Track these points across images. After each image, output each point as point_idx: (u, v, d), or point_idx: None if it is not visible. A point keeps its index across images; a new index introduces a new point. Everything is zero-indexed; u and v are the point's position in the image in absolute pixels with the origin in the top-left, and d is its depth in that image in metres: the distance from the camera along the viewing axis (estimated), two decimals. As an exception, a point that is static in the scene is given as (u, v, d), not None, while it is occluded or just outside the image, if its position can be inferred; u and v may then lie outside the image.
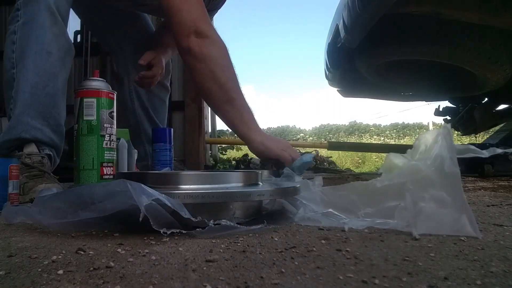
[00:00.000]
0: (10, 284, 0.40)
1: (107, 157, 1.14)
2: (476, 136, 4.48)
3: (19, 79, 1.12)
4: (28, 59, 1.12)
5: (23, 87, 1.12)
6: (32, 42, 1.12)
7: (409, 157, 0.76)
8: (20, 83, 1.12)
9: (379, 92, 3.07)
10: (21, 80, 1.12)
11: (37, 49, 1.13)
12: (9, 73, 1.14)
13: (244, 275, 0.43)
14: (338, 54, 2.42)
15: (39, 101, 1.14)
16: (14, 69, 1.13)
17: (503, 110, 2.89)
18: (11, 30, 1.15)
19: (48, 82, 1.15)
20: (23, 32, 1.13)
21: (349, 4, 1.82)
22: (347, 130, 24.69)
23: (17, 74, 1.13)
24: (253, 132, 1.16)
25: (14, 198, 0.95)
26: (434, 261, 0.49)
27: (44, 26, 1.13)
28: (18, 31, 1.14)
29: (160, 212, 0.59)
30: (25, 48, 1.13)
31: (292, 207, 0.82)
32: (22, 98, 1.12)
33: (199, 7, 1.15)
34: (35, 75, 1.13)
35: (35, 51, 1.12)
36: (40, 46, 1.13)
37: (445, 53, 1.98)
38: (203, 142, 3.58)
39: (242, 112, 1.16)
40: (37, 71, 1.13)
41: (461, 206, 0.63)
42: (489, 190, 1.45)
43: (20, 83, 1.12)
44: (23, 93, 1.12)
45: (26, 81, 1.12)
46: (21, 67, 1.12)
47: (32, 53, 1.12)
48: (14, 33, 1.14)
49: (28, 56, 1.12)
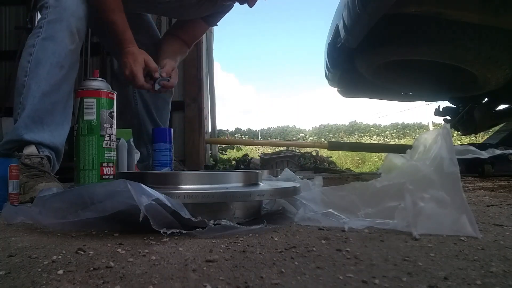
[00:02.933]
0: (10, 284, 0.40)
1: (107, 157, 1.14)
2: (476, 136, 4.48)
3: (30, 85, 1.17)
4: (43, 69, 1.18)
5: (34, 93, 1.17)
6: (49, 55, 1.19)
7: (408, 157, 0.76)
8: (32, 89, 1.17)
9: (379, 92, 3.07)
10: (32, 86, 1.17)
11: (53, 62, 1.20)
12: (21, 81, 1.19)
13: (244, 275, 0.43)
14: (338, 54, 2.42)
15: (46, 107, 1.19)
16: (26, 77, 1.18)
17: (503, 110, 2.89)
18: (30, 43, 1.21)
19: (57, 91, 1.21)
20: (42, 46, 1.20)
21: (349, 4, 1.82)
22: (347, 130, 24.67)
23: (29, 81, 1.18)
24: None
25: (14, 198, 0.95)
26: (434, 261, 0.49)
27: (63, 43, 1.21)
28: (37, 45, 1.20)
29: (160, 212, 0.59)
30: (41, 59, 1.19)
31: (292, 207, 0.82)
32: (32, 103, 1.16)
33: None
34: (47, 84, 1.19)
35: (51, 63, 1.19)
36: (56, 60, 1.20)
37: (445, 53, 1.98)
38: (203, 142, 3.58)
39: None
40: (50, 81, 1.19)
41: (461, 206, 0.63)
42: (489, 190, 1.45)
43: (32, 89, 1.17)
44: (33, 98, 1.17)
45: (38, 87, 1.18)
46: (33, 75, 1.18)
47: (47, 65, 1.19)
48: (33, 46, 1.20)
49: (44, 66, 1.18)
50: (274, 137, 25.89)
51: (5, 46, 3.54)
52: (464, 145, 0.85)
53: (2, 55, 3.47)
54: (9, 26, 3.56)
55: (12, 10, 3.60)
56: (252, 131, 27.11)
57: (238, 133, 16.53)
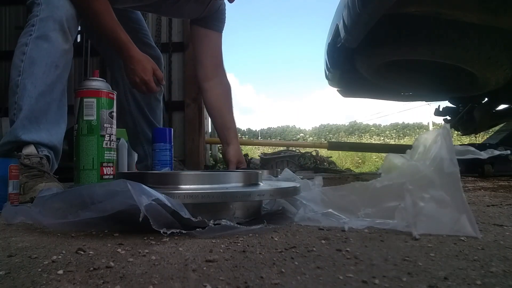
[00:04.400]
0: (10, 284, 0.40)
1: (107, 157, 1.14)
2: (476, 136, 4.48)
3: (26, 85, 1.16)
4: (38, 69, 1.18)
5: (30, 93, 1.16)
6: (43, 55, 1.18)
7: (408, 158, 0.76)
8: (27, 89, 1.16)
9: (379, 92, 3.07)
10: (28, 86, 1.16)
11: (48, 62, 1.19)
12: (14, 81, 1.18)
13: (244, 275, 0.43)
14: (338, 54, 2.42)
15: (43, 107, 1.18)
16: (20, 76, 1.17)
17: (503, 110, 2.89)
18: (23, 42, 1.20)
19: (52, 91, 1.20)
20: (36, 45, 1.18)
21: (349, 4, 1.82)
22: (347, 130, 24.68)
23: (23, 80, 1.17)
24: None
25: (14, 198, 0.95)
26: (434, 261, 0.49)
27: (57, 42, 1.20)
28: (30, 44, 1.19)
29: (160, 212, 0.59)
30: (36, 59, 1.18)
31: (292, 207, 0.82)
32: (29, 103, 1.16)
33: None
34: (43, 84, 1.18)
35: (46, 63, 1.19)
36: (51, 60, 1.19)
37: (445, 53, 1.98)
38: (203, 142, 3.58)
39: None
40: (45, 81, 1.18)
41: (461, 206, 0.63)
42: (489, 190, 1.45)
43: (27, 89, 1.16)
44: (30, 98, 1.16)
45: (34, 88, 1.17)
46: (28, 74, 1.17)
47: (42, 64, 1.18)
48: (26, 45, 1.19)
49: (39, 66, 1.18)
50: (274, 137, 25.91)
51: (5, 46, 3.55)
52: (464, 145, 0.85)
53: (2, 55, 3.47)
54: (9, 26, 3.56)
55: (12, 10, 3.60)
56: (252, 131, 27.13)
57: (238, 133, 16.50)
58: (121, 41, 1.27)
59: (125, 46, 1.28)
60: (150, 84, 1.32)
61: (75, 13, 1.24)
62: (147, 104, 1.70)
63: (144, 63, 1.31)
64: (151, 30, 3.39)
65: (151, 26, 3.46)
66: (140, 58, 1.30)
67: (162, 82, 1.38)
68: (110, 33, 1.26)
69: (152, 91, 1.36)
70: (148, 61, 1.33)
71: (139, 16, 1.69)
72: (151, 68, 1.32)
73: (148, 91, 1.35)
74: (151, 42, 1.70)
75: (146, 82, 1.32)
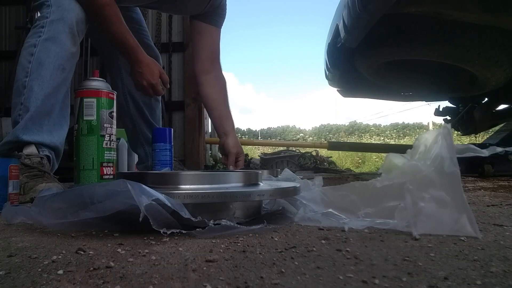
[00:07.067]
0: (10, 284, 0.40)
1: (107, 157, 1.14)
2: (476, 136, 4.48)
3: (33, 87, 1.17)
4: (46, 71, 1.18)
5: (37, 95, 1.17)
6: (52, 57, 1.19)
7: (408, 157, 0.76)
8: (34, 91, 1.17)
9: (379, 92, 3.07)
10: (35, 88, 1.17)
11: (55, 65, 1.20)
12: (21, 81, 1.18)
13: (244, 275, 0.43)
14: (338, 54, 2.42)
15: (47, 109, 1.18)
16: (27, 77, 1.17)
17: (503, 110, 2.89)
18: (31, 43, 1.20)
19: (57, 93, 1.21)
20: (44, 47, 1.19)
21: (349, 4, 1.82)
22: (347, 130, 24.69)
23: (31, 82, 1.17)
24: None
25: (14, 198, 0.95)
26: (434, 261, 0.49)
27: (66, 45, 1.21)
28: (39, 45, 1.19)
29: (160, 212, 0.59)
30: (44, 61, 1.18)
31: (292, 207, 0.82)
32: (35, 105, 1.16)
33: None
34: (49, 86, 1.19)
35: (53, 66, 1.19)
36: (58, 62, 1.20)
37: (445, 53, 1.98)
38: (203, 142, 3.58)
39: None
40: (52, 83, 1.19)
41: (461, 206, 0.63)
42: (489, 190, 1.45)
43: (34, 91, 1.17)
44: (36, 100, 1.16)
45: (41, 90, 1.17)
46: (36, 76, 1.17)
47: (50, 67, 1.19)
48: (34, 46, 1.19)
49: (47, 69, 1.18)
50: (274, 137, 25.91)
51: (5, 46, 3.55)
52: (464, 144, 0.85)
53: (2, 55, 3.47)
54: (9, 26, 3.56)
55: (12, 10, 3.61)
56: (252, 131, 27.14)
57: (238, 133, 16.53)
58: (130, 46, 1.29)
59: (133, 50, 1.30)
60: (157, 87, 1.35)
61: (85, 17, 1.25)
62: (146, 105, 1.70)
63: (152, 67, 1.33)
64: (151, 30, 3.39)
65: (151, 26, 3.46)
66: (148, 62, 1.32)
67: (167, 85, 1.40)
68: (119, 38, 1.28)
69: (159, 94, 1.39)
70: (155, 65, 1.35)
71: (140, 16, 1.70)
72: (158, 71, 1.35)
73: (155, 94, 1.39)
74: (151, 42, 1.71)
75: (154, 86, 1.34)
